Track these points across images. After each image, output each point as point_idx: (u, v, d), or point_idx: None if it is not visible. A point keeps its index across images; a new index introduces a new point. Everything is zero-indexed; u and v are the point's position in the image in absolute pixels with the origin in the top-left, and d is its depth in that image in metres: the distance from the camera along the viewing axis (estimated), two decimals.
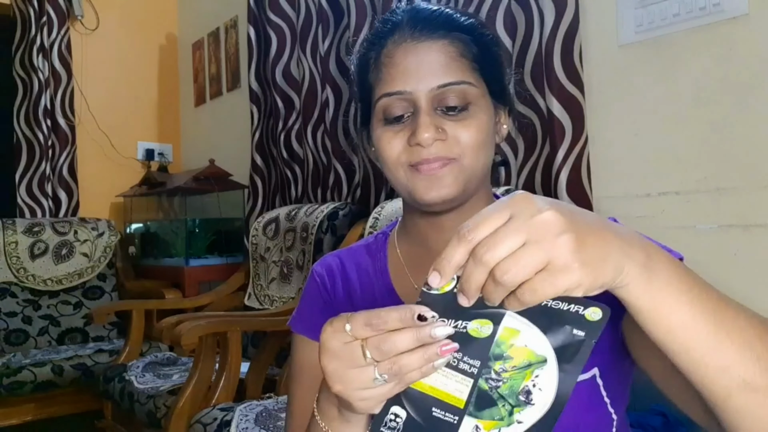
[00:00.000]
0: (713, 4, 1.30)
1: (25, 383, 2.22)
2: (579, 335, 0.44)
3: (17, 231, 2.76)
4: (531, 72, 1.59)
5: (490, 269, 0.41)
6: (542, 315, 0.45)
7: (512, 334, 0.45)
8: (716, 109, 1.32)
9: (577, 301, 0.44)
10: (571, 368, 0.45)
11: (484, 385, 0.46)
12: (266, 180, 2.64)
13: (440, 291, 0.46)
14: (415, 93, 0.64)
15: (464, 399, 0.46)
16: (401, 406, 0.48)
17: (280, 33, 2.48)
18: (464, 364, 0.46)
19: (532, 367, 0.45)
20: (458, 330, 0.46)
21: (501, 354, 0.46)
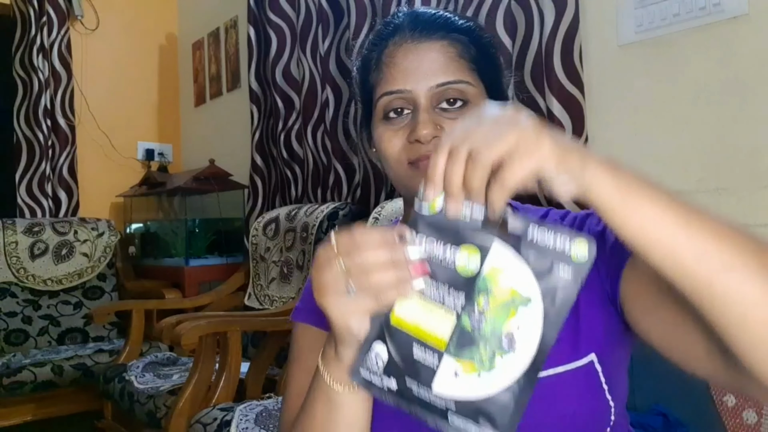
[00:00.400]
0: (713, 4, 1.30)
1: (25, 383, 2.22)
2: (565, 276, 0.44)
3: (17, 231, 2.76)
4: (531, 72, 1.59)
5: (466, 155, 0.45)
6: (529, 246, 0.45)
7: (499, 272, 0.46)
8: (716, 109, 1.32)
9: (565, 232, 0.44)
10: (555, 312, 0.44)
11: (466, 322, 0.46)
12: (266, 180, 2.64)
13: (431, 210, 0.47)
14: (415, 91, 0.67)
15: (446, 339, 0.46)
16: (384, 342, 0.48)
17: (280, 33, 2.48)
18: (449, 299, 0.46)
19: (516, 305, 0.45)
20: (445, 266, 0.47)
21: (486, 289, 0.46)
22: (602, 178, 0.46)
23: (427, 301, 0.47)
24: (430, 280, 0.47)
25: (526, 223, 0.46)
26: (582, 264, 0.44)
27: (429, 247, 0.47)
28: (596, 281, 0.63)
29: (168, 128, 3.58)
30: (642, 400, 1.17)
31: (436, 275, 0.47)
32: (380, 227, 0.50)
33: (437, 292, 0.47)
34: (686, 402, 1.17)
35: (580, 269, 0.44)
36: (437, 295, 0.47)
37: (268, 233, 2.33)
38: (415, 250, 0.47)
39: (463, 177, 0.46)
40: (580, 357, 0.63)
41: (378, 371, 0.48)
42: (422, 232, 0.48)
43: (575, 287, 0.44)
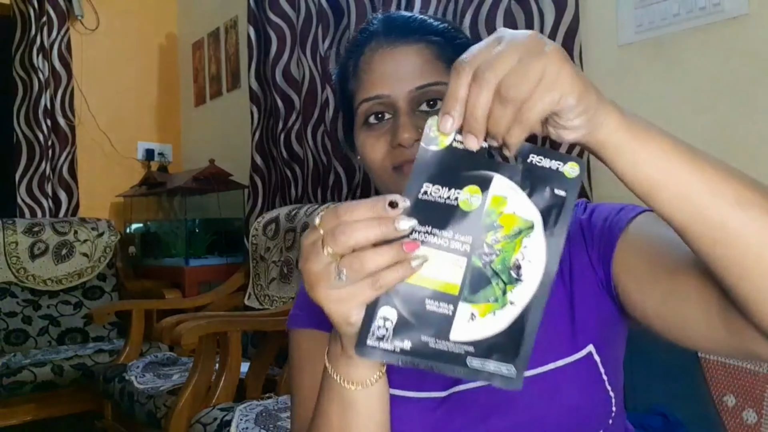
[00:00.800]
0: (713, 4, 1.30)
1: (25, 383, 2.23)
2: (560, 194, 0.45)
3: (17, 231, 2.76)
4: None
5: (494, 88, 0.42)
6: (528, 174, 0.45)
7: (500, 202, 0.45)
8: (716, 109, 1.32)
9: (558, 157, 0.45)
10: (556, 232, 0.45)
11: (477, 262, 0.45)
12: (266, 180, 2.64)
13: (440, 145, 0.45)
14: (394, 96, 0.66)
15: (458, 284, 0.45)
16: (391, 305, 0.45)
17: (280, 33, 2.48)
18: (456, 242, 0.45)
19: (522, 234, 0.45)
20: (449, 203, 0.45)
21: (491, 224, 0.45)
22: (614, 116, 0.45)
23: (434, 249, 0.45)
24: (431, 229, 0.45)
25: (527, 149, 0.46)
26: (574, 179, 0.45)
27: (430, 191, 0.45)
28: (587, 269, 0.63)
29: (168, 128, 3.58)
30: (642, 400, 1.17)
31: (439, 220, 0.45)
32: (369, 199, 0.46)
33: (443, 240, 0.45)
34: (686, 402, 1.17)
35: (573, 185, 0.45)
36: (444, 243, 0.45)
37: (268, 233, 2.33)
38: (406, 222, 0.44)
39: (488, 110, 0.43)
40: (578, 349, 0.63)
41: (387, 335, 0.45)
42: (419, 183, 0.45)
43: (570, 205, 0.45)
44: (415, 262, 0.44)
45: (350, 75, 0.72)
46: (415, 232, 0.45)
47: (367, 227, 0.44)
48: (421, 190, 0.45)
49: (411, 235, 0.45)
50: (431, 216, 0.45)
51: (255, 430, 1.37)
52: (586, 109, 0.44)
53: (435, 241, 0.45)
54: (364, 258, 0.44)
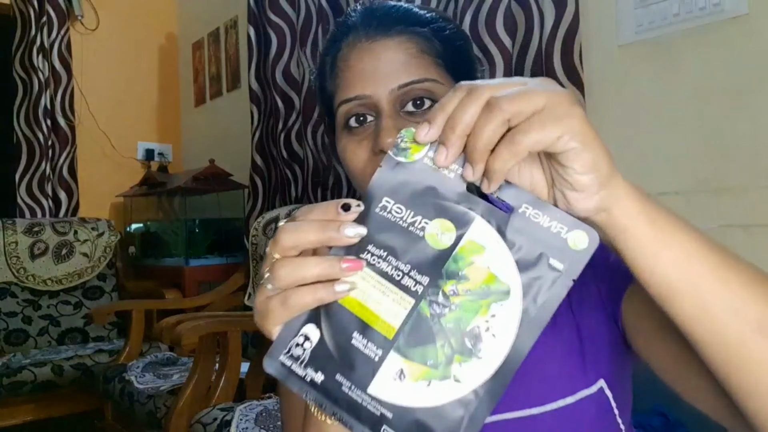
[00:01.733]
0: (713, 4, 1.30)
1: (25, 383, 2.22)
2: (555, 266, 0.36)
3: (17, 231, 2.76)
4: (531, 72, 1.59)
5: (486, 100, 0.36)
6: (517, 229, 0.37)
7: (475, 250, 0.37)
8: (716, 109, 1.32)
9: (562, 219, 0.37)
10: (537, 313, 0.36)
11: (425, 309, 0.37)
12: (266, 180, 2.64)
13: (408, 157, 0.38)
14: (375, 96, 0.60)
15: (396, 326, 0.37)
16: (316, 324, 0.38)
17: (280, 33, 2.48)
18: (409, 279, 0.37)
19: (490, 299, 0.36)
20: (412, 231, 0.37)
21: (456, 272, 0.37)
22: (633, 198, 0.38)
23: (380, 277, 0.37)
24: (386, 255, 0.38)
25: (520, 198, 0.38)
26: (579, 252, 0.36)
27: (391, 208, 0.38)
28: (598, 300, 0.59)
29: (168, 128, 3.58)
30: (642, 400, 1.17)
31: (397, 247, 0.37)
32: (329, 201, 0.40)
33: (396, 271, 0.37)
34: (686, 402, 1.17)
35: (576, 259, 0.36)
36: (395, 274, 0.37)
37: (268, 233, 2.33)
38: (353, 228, 0.38)
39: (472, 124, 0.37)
40: (589, 384, 0.58)
41: (303, 358, 0.38)
42: (379, 195, 0.38)
43: (566, 284, 0.36)
44: (341, 286, 0.37)
45: (328, 73, 0.66)
46: (367, 252, 0.38)
47: (308, 228, 0.38)
48: (379, 204, 0.38)
49: (362, 254, 0.38)
50: (388, 238, 0.38)
51: (255, 430, 1.37)
52: (596, 165, 0.37)
53: (385, 269, 0.38)
54: (290, 264, 0.38)
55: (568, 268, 0.36)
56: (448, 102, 0.38)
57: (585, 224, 0.36)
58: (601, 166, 0.37)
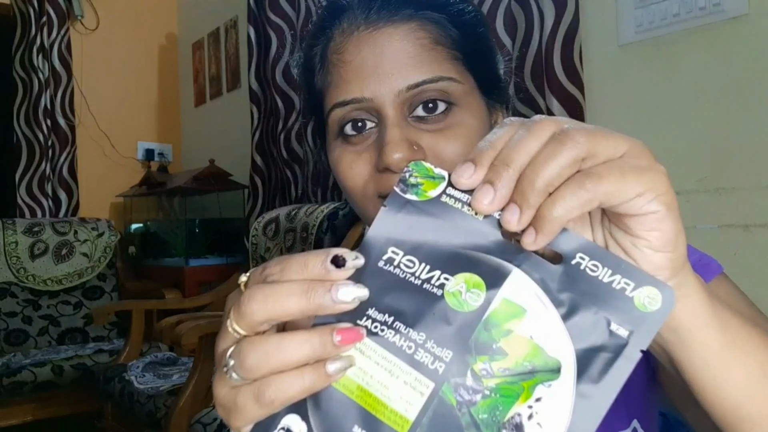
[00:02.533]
0: (713, 4, 1.30)
1: (25, 383, 2.22)
2: (619, 333, 0.28)
3: (17, 231, 2.76)
4: (531, 72, 1.59)
5: (551, 134, 0.28)
6: (569, 285, 0.28)
7: (513, 314, 0.28)
8: (716, 109, 1.32)
9: (628, 272, 0.28)
10: (595, 397, 0.27)
11: (450, 395, 0.28)
12: (266, 180, 2.64)
13: (420, 195, 0.30)
14: (378, 99, 0.48)
15: (412, 419, 0.27)
16: (302, 415, 0.28)
17: (280, 33, 2.48)
18: (425, 354, 0.28)
19: (536, 378, 0.27)
20: (429, 290, 0.29)
21: (489, 344, 0.28)
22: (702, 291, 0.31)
23: (386, 351, 0.28)
24: (392, 321, 0.29)
25: (572, 244, 0.29)
26: (651, 314, 0.27)
27: (398, 261, 0.29)
28: None
29: (168, 128, 3.58)
30: None
31: (407, 311, 0.28)
32: (310, 252, 0.30)
33: (407, 342, 0.28)
34: None
35: (646, 325, 0.27)
36: (407, 347, 0.28)
37: (268, 233, 2.33)
38: (352, 291, 0.28)
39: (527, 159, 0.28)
40: (624, 426, 0.51)
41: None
42: (383, 245, 0.30)
43: (632, 355, 0.27)
44: (334, 365, 0.27)
45: (317, 67, 0.54)
46: (366, 317, 0.29)
47: (286, 293, 0.28)
48: (384, 255, 0.30)
49: (360, 321, 0.29)
50: (396, 300, 0.29)
51: None
52: (676, 242, 0.29)
53: (394, 340, 0.28)
54: (262, 346, 0.28)
55: (635, 336, 0.27)
56: (498, 138, 0.29)
57: (657, 280, 0.28)
58: (680, 244, 0.29)
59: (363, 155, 0.50)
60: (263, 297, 0.28)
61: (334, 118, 0.51)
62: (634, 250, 0.29)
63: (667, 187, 0.28)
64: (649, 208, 0.28)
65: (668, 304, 0.27)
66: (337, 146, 0.52)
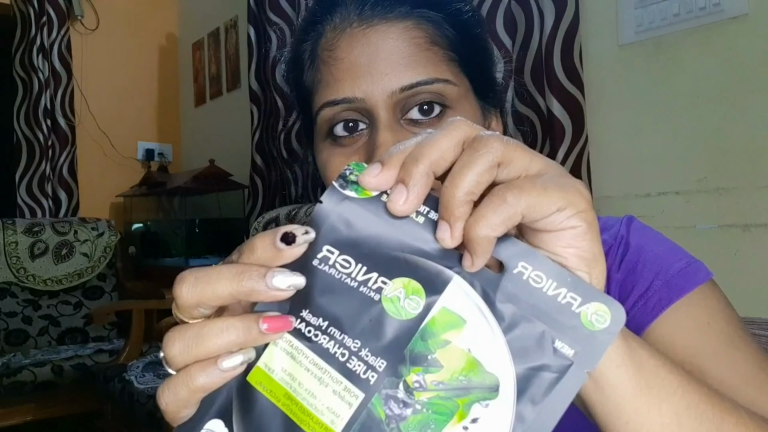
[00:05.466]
0: (713, 4, 1.30)
1: (25, 383, 2.22)
2: (564, 354, 0.26)
3: (17, 231, 2.76)
4: (531, 72, 1.59)
5: (464, 137, 0.27)
6: (511, 295, 0.26)
7: (452, 324, 0.26)
8: (716, 109, 1.32)
9: (575, 286, 0.26)
10: (535, 421, 0.25)
11: (379, 408, 0.26)
12: (266, 180, 2.64)
13: (360, 192, 0.28)
14: (370, 100, 0.46)
15: (338, 430, 0.26)
16: (226, 420, 0.27)
17: (280, 33, 2.48)
18: (357, 362, 0.26)
19: (471, 396, 0.25)
20: (365, 293, 0.27)
21: (425, 354, 0.26)
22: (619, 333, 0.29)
23: (317, 357, 0.27)
24: (326, 326, 0.27)
25: (514, 252, 0.27)
26: (597, 334, 0.25)
27: (334, 260, 0.27)
28: None
29: (168, 128, 3.58)
30: None
31: (341, 316, 0.27)
32: (262, 233, 0.28)
33: (339, 346, 0.27)
34: None
35: (593, 345, 0.25)
36: (338, 352, 0.26)
37: None
38: (288, 279, 0.26)
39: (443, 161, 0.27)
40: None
41: None
42: (318, 242, 0.28)
43: (578, 376, 0.25)
44: (229, 361, 0.26)
45: (306, 63, 0.52)
46: (300, 320, 0.27)
47: (217, 276, 0.27)
48: (318, 254, 0.28)
49: (296, 322, 0.27)
50: (331, 302, 0.27)
51: None
52: (595, 259, 0.27)
53: (327, 346, 0.27)
54: (182, 332, 0.27)
55: (581, 355, 0.25)
56: (410, 140, 0.28)
57: (607, 296, 0.26)
58: (598, 265, 0.27)
59: (353, 158, 0.48)
60: (194, 280, 0.27)
61: (323, 118, 0.49)
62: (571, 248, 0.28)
63: (588, 205, 0.27)
64: (568, 224, 0.26)
65: (618, 322, 0.26)
66: (325, 147, 0.50)
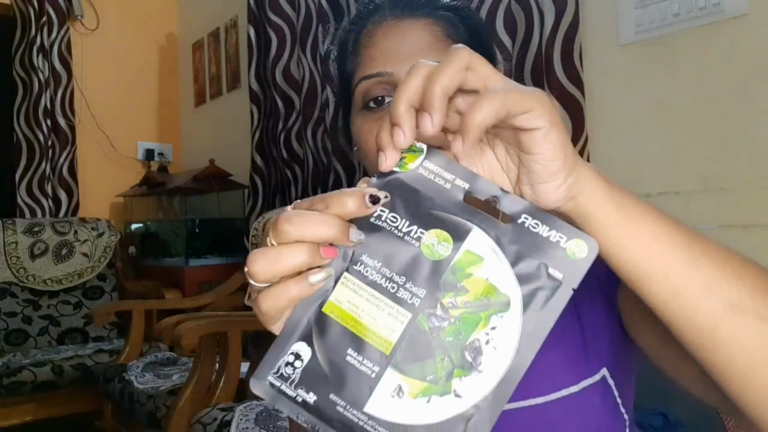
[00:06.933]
0: (713, 4, 1.30)
1: (25, 383, 2.22)
2: (555, 275, 0.35)
3: (17, 231, 2.76)
4: (531, 72, 1.59)
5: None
6: (516, 239, 0.36)
7: (473, 261, 0.36)
8: (716, 109, 1.32)
9: (561, 228, 0.36)
10: (538, 323, 0.35)
11: (424, 323, 0.35)
12: (266, 180, 2.64)
13: (402, 167, 0.37)
14: (397, 74, 0.59)
15: (393, 341, 0.35)
16: (308, 342, 0.36)
17: (280, 33, 2.48)
18: (404, 292, 0.36)
19: (491, 310, 0.35)
20: (408, 241, 0.36)
21: (454, 283, 0.36)
22: (598, 182, 0.38)
23: (374, 290, 0.36)
24: (380, 266, 0.36)
25: (518, 208, 0.37)
26: (578, 262, 0.35)
27: (386, 217, 0.37)
28: (598, 289, 0.60)
29: (168, 128, 3.58)
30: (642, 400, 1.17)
31: (392, 259, 0.36)
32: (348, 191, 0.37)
33: (389, 281, 0.36)
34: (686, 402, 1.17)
35: (576, 269, 0.35)
36: (389, 285, 0.36)
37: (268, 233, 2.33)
38: (359, 235, 0.36)
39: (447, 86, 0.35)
40: (592, 373, 0.58)
41: (294, 378, 0.36)
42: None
43: (566, 294, 0.35)
44: (315, 277, 0.36)
45: (349, 51, 0.66)
46: (361, 263, 0.36)
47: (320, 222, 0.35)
48: (374, 213, 0.37)
49: (355, 265, 0.36)
50: (383, 248, 0.36)
51: (255, 430, 1.37)
52: (563, 149, 0.36)
53: (380, 281, 0.36)
54: (263, 253, 0.36)
55: (567, 278, 0.35)
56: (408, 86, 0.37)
57: (584, 233, 0.36)
58: (568, 150, 0.37)
59: (380, 121, 0.56)
60: (298, 219, 0.35)
61: (360, 90, 0.62)
62: (535, 165, 0.36)
63: (551, 107, 0.35)
64: (537, 123, 0.35)
65: (593, 252, 0.35)
66: (360, 116, 0.62)
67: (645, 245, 0.38)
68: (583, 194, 0.38)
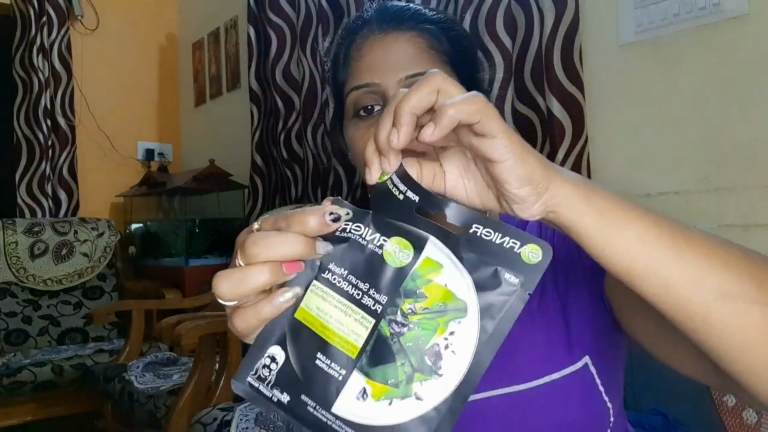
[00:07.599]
0: (713, 4, 1.30)
1: (25, 383, 2.22)
2: (511, 282, 0.36)
3: (17, 231, 2.76)
4: (531, 72, 1.59)
5: None
6: (470, 247, 0.37)
7: (432, 269, 0.37)
8: (716, 109, 1.32)
9: (514, 235, 0.37)
10: (494, 329, 0.36)
11: (385, 329, 0.37)
12: (266, 180, 2.64)
13: (380, 177, 0.40)
14: (384, 84, 0.63)
15: (359, 345, 0.37)
16: (282, 346, 0.38)
17: (280, 33, 2.48)
18: (368, 299, 0.38)
19: (448, 316, 0.37)
20: (371, 249, 0.38)
21: (414, 290, 0.37)
22: (575, 194, 0.40)
23: (341, 297, 0.38)
24: (346, 273, 0.38)
25: (468, 218, 0.38)
26: (534, 266, 0.36)
27: (350, 228, 0.39)
28: (582, 278, 0.61)
29: (168, 128, 3.58)
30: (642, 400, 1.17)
31: (357, 266, 0.38)
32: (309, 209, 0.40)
33: (355, 288, 0.38)
34: (686, 402, 1.17)
35: (532, 272, 0.36)
36: (355, 292, 0.38)
37: None
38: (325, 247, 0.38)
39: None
40: (574, 361, 0.60)
41: (270, 379, 0.38)
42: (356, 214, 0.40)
43: (522, 297, 0.36)
44: (282, 297, 0.38)
45: (341, 63, 0.70)
46: (328, 271, 0.38)
47: (285, 242, 0.37)
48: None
49: (324, 273, 0.38)
50: (348, 257, 0.38)
51: (255, 430, 1.37)
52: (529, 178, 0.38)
53: (346, 288, 0.38)
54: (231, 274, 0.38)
55: (524, 282, 0.36)
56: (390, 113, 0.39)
57: (538, 238, 0.37)
58: (535, 176, 0.38)
59: (370, 130, 0.62)
60: (262, 242, 0.38)
61: (350, 100, 0.66)
62: (506, 191, 0.39)
63: (509, 138, 0.37)
64: (501, 156, 0.37)
65: (547, 256, 0.36)
66: (352, 124, 0.66)
67: (630, 247, 0.40)
68: (560, 207, 0.40)
